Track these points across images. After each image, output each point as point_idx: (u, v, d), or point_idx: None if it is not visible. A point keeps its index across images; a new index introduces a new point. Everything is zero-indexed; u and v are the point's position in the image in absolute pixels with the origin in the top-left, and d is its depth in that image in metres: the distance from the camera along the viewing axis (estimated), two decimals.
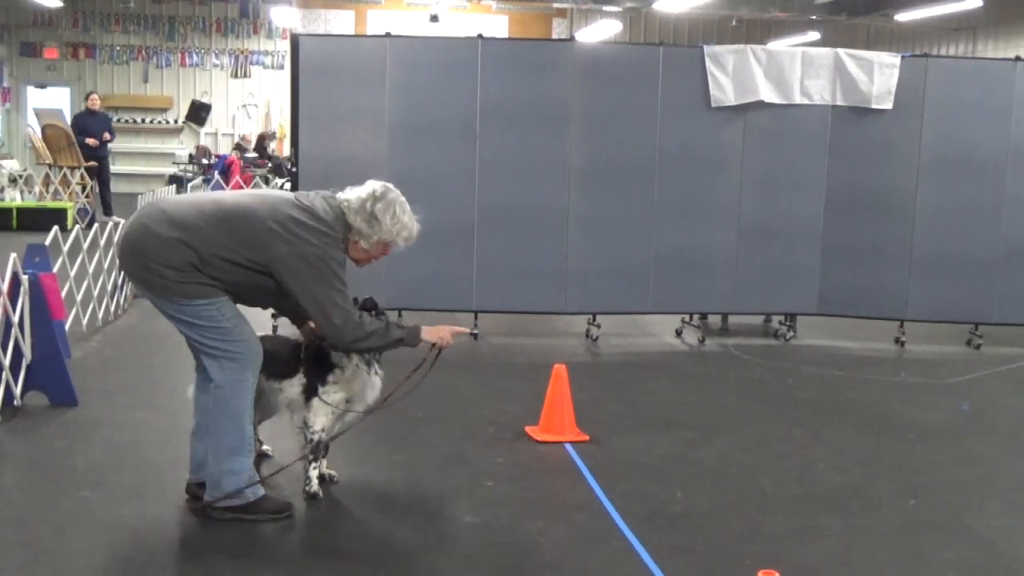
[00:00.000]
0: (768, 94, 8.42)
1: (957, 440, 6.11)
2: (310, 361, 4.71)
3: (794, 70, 8.45)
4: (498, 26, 21.24)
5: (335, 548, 4.25)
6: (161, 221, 4.26)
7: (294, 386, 4.74)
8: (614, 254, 8.47)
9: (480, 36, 8.44)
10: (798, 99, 8.49)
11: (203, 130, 21.56)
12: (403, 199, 4.47)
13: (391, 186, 4.49)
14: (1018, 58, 8.81)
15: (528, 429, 5.79)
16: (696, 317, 8.99)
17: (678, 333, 8.89)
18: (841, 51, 8.55)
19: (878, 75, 8.49)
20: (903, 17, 19.67)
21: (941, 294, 8.70)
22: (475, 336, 5.56)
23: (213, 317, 4.30)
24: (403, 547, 4.28)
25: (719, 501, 4.90)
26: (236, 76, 21.70)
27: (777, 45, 14.91)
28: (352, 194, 4.43)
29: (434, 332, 4.57)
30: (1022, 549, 4.49)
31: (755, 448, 5.77)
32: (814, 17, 20.38)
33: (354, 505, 4.69)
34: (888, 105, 8.50)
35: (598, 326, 8.55)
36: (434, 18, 19.15)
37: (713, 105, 8.39)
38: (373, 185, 4.45)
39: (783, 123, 8.53)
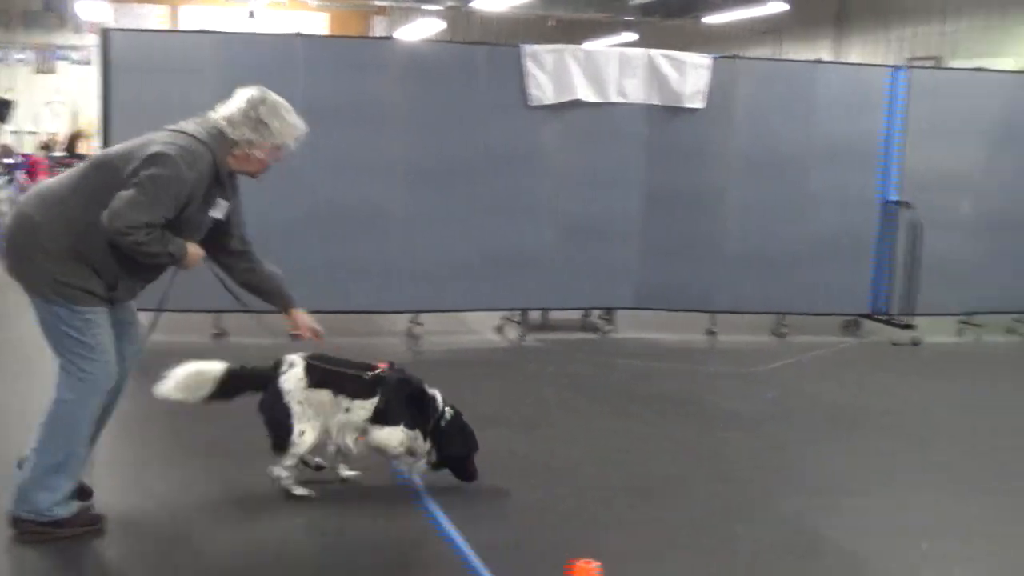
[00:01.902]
0: (586, 93, 8.58)
1: (764, 426, 6.37)
2: (403, 398, 4.76)
3: (611, 70, 8.63)
4: (318, 23, 20.99)
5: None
6: (36, 204, 4.08)
7: (365, 408, 4.71)
8: (437, 252, 8.48)
9: (299, 34, 8.31)
10: (615, 98, 8.67)
11: (7, 128, 20.55)
12: (281, 99, 4.32)
13: (265, 88, 4.32)
14: (820, 60, 9.24)
15: None
16: (517, 313, 9.09)
17: (499, 330, 8.97)
18: (655, 52, 8.78)
19: (690, 75, 8.75)
20: (713, 20, 20.35)
21: (750, 286, 9.05)
22: (294, 337, 5.46)
23: (79, 328, 4.07)
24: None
25: (541, 494, 4.97)
26: (41, 72, 20.77)
27: (594, 45, 15.20)
28: (226, 109, 4.24)
29: (193, 257, 4.19)
30: (822, 527, 4.71)
31: (576, 440, 5.88)
32: (630, 18, 20.90)
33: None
34: (700, 104, 8.77)
35: (420, 324, 8.55)
36: (251, 14, 18.76)
37: (532, 104, 8.49)
38: (248, 92, 4.28)
39: (601, 122, 8.71)
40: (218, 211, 4.31)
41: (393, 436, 4.77)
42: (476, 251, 8.52)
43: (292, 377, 4.68)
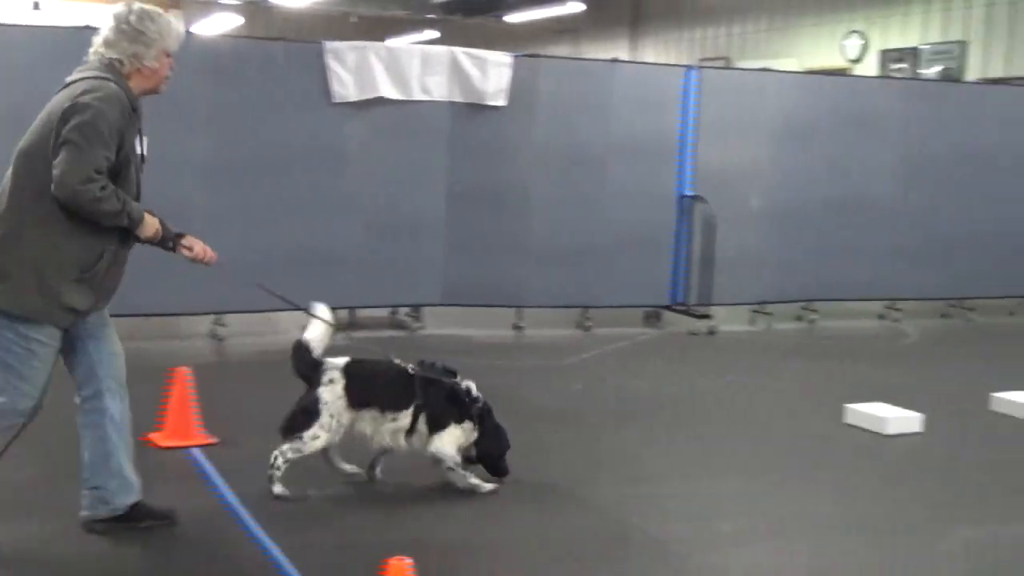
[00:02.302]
0: (389, 90, 8.56)
1: (572, 418, 6.51)
2: (440, 399, 4.88)
3: (414, 67, 8.64)
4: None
5: None
6: None
7: (407, 417, 4.81)
8: (240, 251, 8.24)
9: (87, 27, 7.98)
10: (418, 95, 8.69)
11: None
12: (148, 5, 4.20)
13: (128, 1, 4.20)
14: (615, 59, 9.51)
15: (151, 436, 5.56)
16: None
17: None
18: (457, 49, 8.84)
19: (492, 73, 8.85)
20: (514, 19, 20.60)
21: (555, 281, 9.22)
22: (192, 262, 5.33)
23: (11, 340, 3.93)
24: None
25: (353, 494, 4.93)
26: None
27: (397, 43, 15.19)
28: (98, 38, 4.13)
29: (150, 226, 4.17)
30: (628, 514, 4.85)
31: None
32: (432, 16, 20.94)
33: None
34: (502, 102, 8.87)
35: (224, 326, 8.36)
36: (36, 5, 17.88)
37: (336, 101, 8.42)
38: (113, 10, 4.15)
39: (405, 119, 8.71)
40: (143, 146, 4.23)
41: (448, 438, 4.90)
42: (281, 250, 8.38)
43: (332, 393, 4.76)
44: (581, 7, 19.27)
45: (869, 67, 16.04)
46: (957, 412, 6.85)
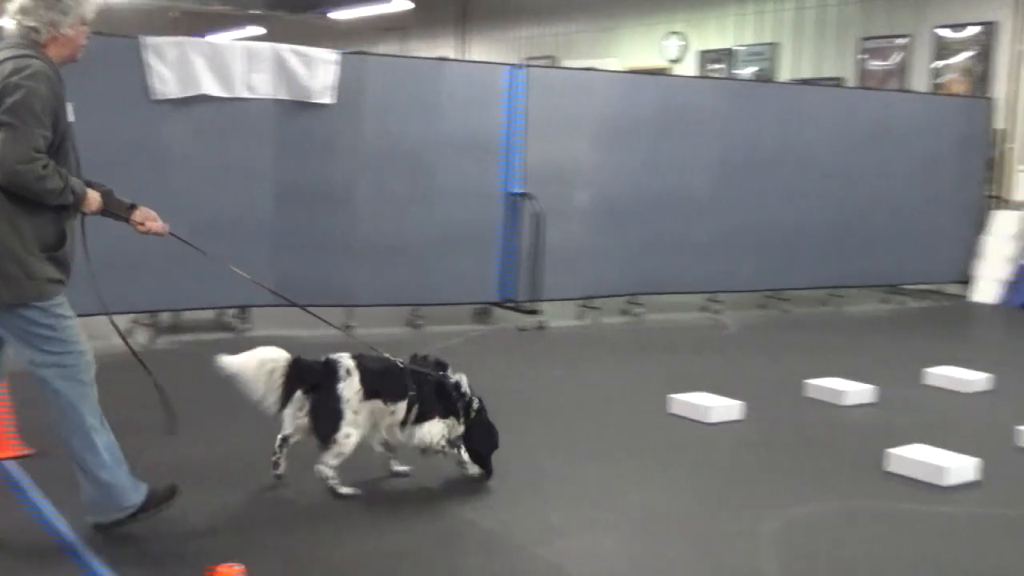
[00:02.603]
0: (212, 87, 8.37)
1: None
2: (432, 391, 5.02)
3: (237, 64, 8.47)
4: None
5: None
6: None
7: (403, 408, 4.93)
8: None
9: None
10: (242, 93, 8.51)
11: None
12: None
13: None
14: (443, 58, 9.54)
15: None
16: (147, 316, 8.73)
17: (128, 334, 8.56)
18: (283, 46, 8.71)
19: (319, 70, 8.75)
20: (340, 16, 20.42)
21: (385, 279, 9.20)
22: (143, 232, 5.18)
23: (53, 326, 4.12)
24: None
25: (181, 501, 4.81)
26: None
27: (219, 39, 14.85)
28: (13, 6, 4.06)
29: (93, 201, 4.29)
30: (463, 509, 4.89)
31: (213, 443, 5.75)
32: (256, 12, 20.57)
33: None
34: (329, 100, 8.79)
35: None
36: None
37: (156, 97, 8.18)
38: None
39: (229, 116, 8.52)
40: (71, 113, 4.22)
41: (428, 428, 5.02)
42: (99, 251, 8.06)
43: (350, 387, 4.83)
44: (409, 5, 19.24)
45: (688, 67, 16.56)
46: (774, 399, 7.15)
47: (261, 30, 22.54)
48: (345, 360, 4.91)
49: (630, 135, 10.16)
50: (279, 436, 5.00)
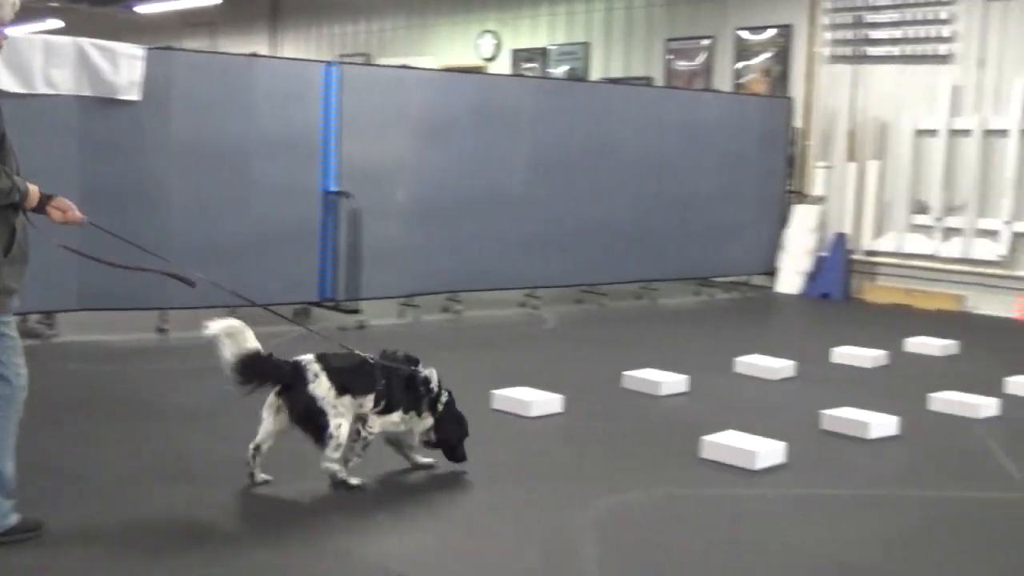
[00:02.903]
0: (8, 83, 7.97)
1: (223, 419, 6.36)
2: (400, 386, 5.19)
3: (35, 58, 8.09)
4: None
5: None
6: None
7: (371, 402, 5.08)
8: None
9: None
10: (42, 88, 8.15)
11: None
12: None
13: None
14: (254, 54, 9.36)
15: None
16: None
17: None
18: (85, 40, 8.37)
19: (124, 66, 8.45)
20: (145, 9, 19.79)
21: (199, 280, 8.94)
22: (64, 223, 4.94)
23: None
24: None
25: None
26: None
27: (15, 31, 14.18)
28: None
29: (34, 197, 4.25)
30: (287, 514, 4.83)
31: (21, 453, 5.49)
32: (54, 4, 19.73)
33: None
34: (135, 96, 8.50)
35: None
36: None
37: None
38: None
39: (28, 115, 8.09)
40: None
41: (391, 418, 5.20)
42: None
43: (321, 387, 4.96)
44: (217, 0, 18.80)
45: (502, 65, 16.74)
46: (593, 391, 7.31)
47: (59, 23, 21.62)
48: (311, 364, 5.02)
49: (446, 133, 10.21)
50: (251, 446, 5.05)
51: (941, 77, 11.84)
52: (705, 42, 14.13)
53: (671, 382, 7.30)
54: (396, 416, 5.23)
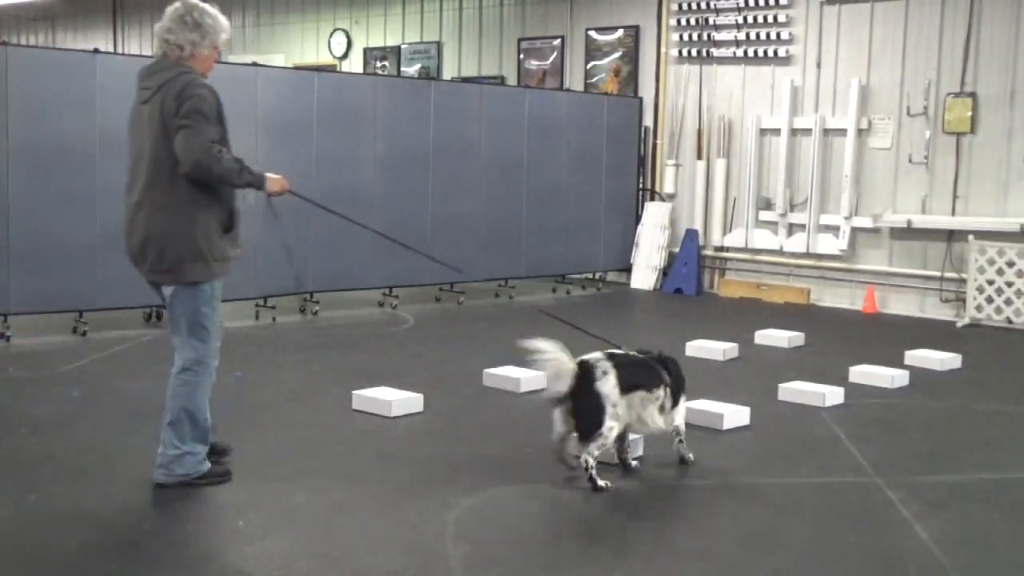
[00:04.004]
0: None
1: (71, 427, 6.16)
2: (676, 378, 5.57)
3: None
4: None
5: None
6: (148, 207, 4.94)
7: (662, 393, 5.45)
8: None
9: None
10: None
11: None
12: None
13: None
14: (96, 50, 9.05)
15: None
16: None
17: None
18: None
19: None
20: None
21: (44, 284, 8.64)
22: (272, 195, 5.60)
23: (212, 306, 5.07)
24: None
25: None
26: None
27: None
28: (161, 32, 4.94)
29: (274, 182, 5.32)
30: (143, 521, 4.70)
31: None
32: None
33: None
34: None
35: None
36: None
37: None
38: (172, 7, 4.99)
39: None
40: None
41: (681, 413, 5.61)
42: None
43: (608, 384, 5.22)
44: None
45: (354, 64, 16.61)
46: (454, 390, 7.32)
47: None
48: (600, 362, 5.30)
49: (298, 132, 10.07)
50: (555, 436, 5.38)
51: (782, 78, 12.25)
52: (556, 42, 14.29)
53: (531, 379, 7.35)
54: (683, 407, 5.66)
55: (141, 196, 4.93)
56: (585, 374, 5.25)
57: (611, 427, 5.23)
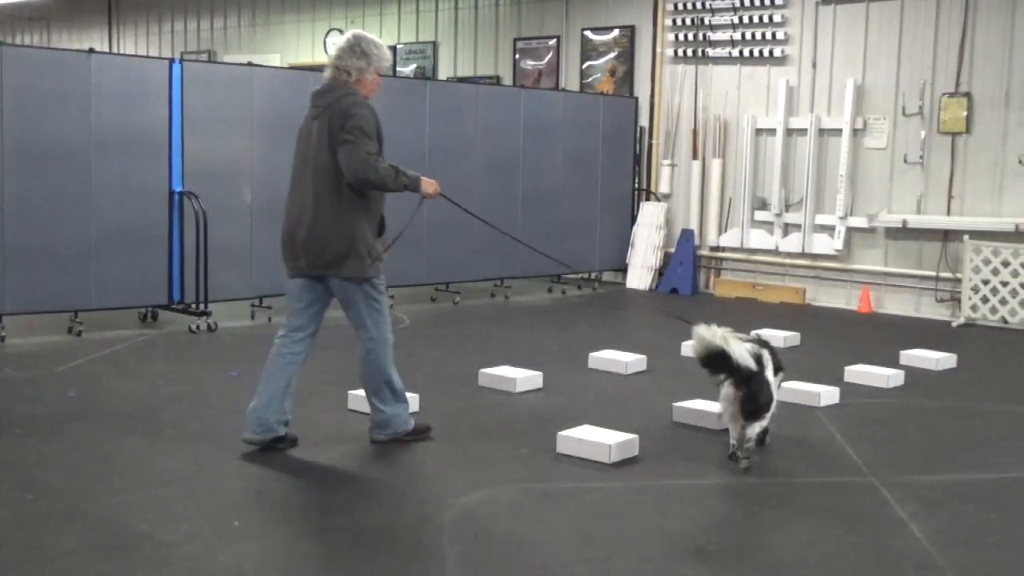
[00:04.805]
0: None
1: (67, 427, 6.15)
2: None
3: None
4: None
5: None
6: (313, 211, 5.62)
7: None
8: None
9: None
10: None
11: None
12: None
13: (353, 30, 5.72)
14: (92, 50, 9.05)
15: None
16: None
17: None
18: None
19: None
20: None
21: (39, 284, 8.63)
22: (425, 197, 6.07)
23: (373, 296, 5.83)
24: None
25: None
26: None
27: None
28: (334, 58, 5.64)
29: (428, 184, 5.85)
30: (137, 522, 4.68)
31: None
32: None
33: None
34: None
35: None
36: None
37: None
38: (344, 37, 5.68)
39: None
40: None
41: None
42: None
43: (770, 371, 5.67)
44: None
45: None
46: (450, 390, 7.32)
47: None
48: (760, 350, 5.69)
49: (294, 131, 9.97)
50: (732, 440, 5.73)
51: (777, 78, 12.26)
52: (551, 42, 14.29)
53: (526, 378, 7.35)
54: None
55: (306, 200, 5.62)
56: (759, 364, 5.63)
57: (773, 412, 5.71)
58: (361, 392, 6.72)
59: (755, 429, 5.60)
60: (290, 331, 5.80)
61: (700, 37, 12.85)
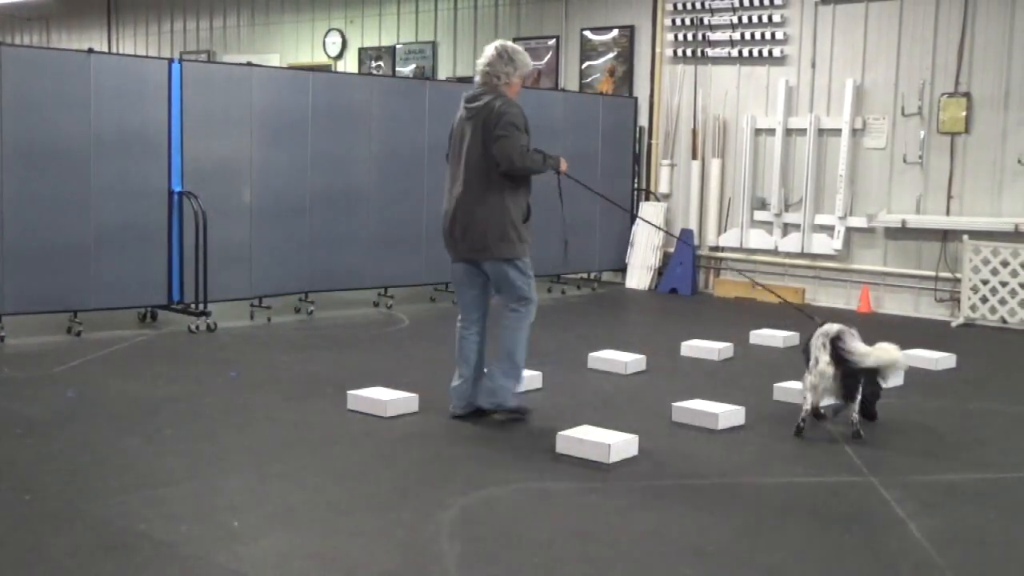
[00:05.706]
0: None
1: (66, 427, 6.15)
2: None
3: None
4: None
5: None
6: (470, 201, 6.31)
7: None
8: None
9: None
10: None
11: None
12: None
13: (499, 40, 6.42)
14: (91, 50, 9.05)
15: None
16: None
17: None
18: None
19: None
20: None
21: (38, 284, 8.63)
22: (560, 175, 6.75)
23: (524, 272, 6.46)
24: None
25: None
26: None
27: None
28: (482, 65, 6.31)
29: (563, 163, 6.62)
30: (137, 522, 4.67)
31: None
32: None
33: None
34: None
35: None
36: None
37: None
38: (492, 45, 6.37)
39: None
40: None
41: None
42: None
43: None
44: None
45: (349, 64, 16.60)
46: (446, 390, 7.30)
47: None
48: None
49: (293, 131, 10.07)
50: (815, 404, 6.44)
51: (777, 78, 12.26)
52: (551, 42, 14.29)
53: (526, 378, 7.34)
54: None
55: (463, 192, 6.26)
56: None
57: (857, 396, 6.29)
58: (361, 392, 6.74)
59: (856, 408, 6.28)
60: (464, 317, 6.48)
61: (699, 37, 12.85)
